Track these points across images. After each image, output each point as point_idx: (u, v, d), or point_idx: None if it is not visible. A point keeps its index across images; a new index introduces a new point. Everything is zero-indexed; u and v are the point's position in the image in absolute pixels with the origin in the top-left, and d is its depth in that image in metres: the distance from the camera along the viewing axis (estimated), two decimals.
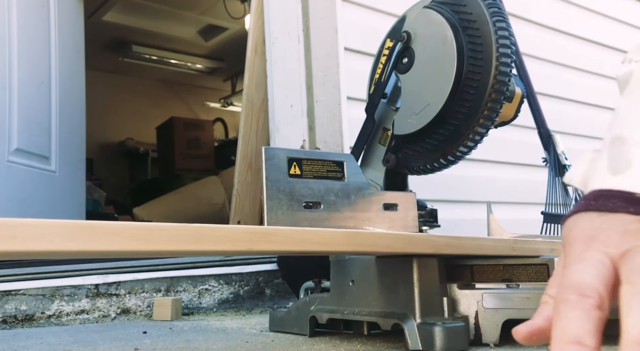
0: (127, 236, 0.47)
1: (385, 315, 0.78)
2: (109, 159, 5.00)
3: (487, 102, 0.91)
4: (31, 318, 1.25)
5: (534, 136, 1.62)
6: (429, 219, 1.04)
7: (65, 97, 2.09)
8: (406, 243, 0.71)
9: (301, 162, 0.83)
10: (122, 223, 0.47)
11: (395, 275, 0.78)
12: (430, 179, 1.22)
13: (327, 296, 0.91)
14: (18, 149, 1.82)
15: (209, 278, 1.45)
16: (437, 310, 0.76)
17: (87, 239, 0.44)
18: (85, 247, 0.44)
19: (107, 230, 0.45)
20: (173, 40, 4.48)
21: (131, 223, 0.48)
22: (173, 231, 0.50)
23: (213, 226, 0.53)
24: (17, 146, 1.82)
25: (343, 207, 0.84)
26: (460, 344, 0.73)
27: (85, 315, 1.29)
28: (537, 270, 0.83)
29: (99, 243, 0.45)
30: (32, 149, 1.89)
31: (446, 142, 0.97)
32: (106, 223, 0.46)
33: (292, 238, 0.59)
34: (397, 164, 1.04)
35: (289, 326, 0.97)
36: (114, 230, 0.46)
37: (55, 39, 2.02)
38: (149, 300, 1.36)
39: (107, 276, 1.34)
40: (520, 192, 2.08)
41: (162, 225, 0.50)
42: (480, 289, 0.77)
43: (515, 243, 0.84)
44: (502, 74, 0.91)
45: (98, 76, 4.58)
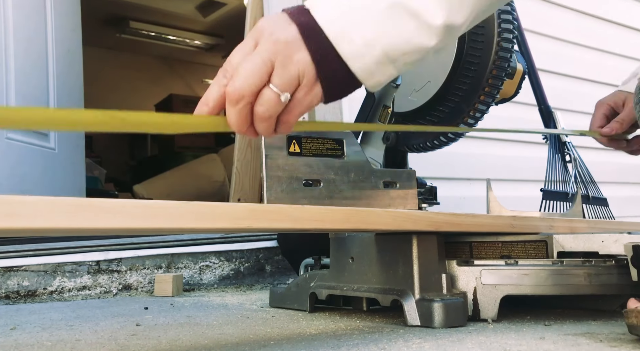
0: (127, 214, 0.47)
1: (385, 291, 0.79)
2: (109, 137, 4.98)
3: (488, 79, 0.91)
4: (33, 294, 1.26)
5: (534, 113, 1.61)
6: (428, 197, 1.04)
7: (63, 73, 2.07)
8: (405, 220, 0.71)
9: (300, 140, 0.82)
10: (122, 201, 0.47)
11: (395, 252, 0.79)
12: (430, 157, 1.22)
13: (327, 272, 0.92)
14: None
15: (210, 254, 1.46)
16: (435, 286, 0.77)
17: (87, 216, 0.44)
18: (86, 224, 0.44)
19: (108, 208, 0.45)
20: (171, 16, 4.43)
21: (131, 201, 0.48)
22: (173, 208, 0.50)
23: (213, 204, 0.53)
24: None
25: (343, 185, 0.84)
26: (458, 320, 0.74)
27: (87, 290, 1.30)
28: (536, 247, 0.83)
29: (100, 220, 0.45)
30: None
31: (446, 119, 0.96)
32: (106, 201, 0.46)
33: (292, 215, 0.59)
34: (397, 142, 1.04)
35: (289, 302, 0.98)
36: (114, 208, 0.46)
37: (51, 14, 1.99)
38: (150, 277, 1.37)
39: (108, 252, 1.35)
40: (519, 169, 2.08)
41: (162, 203, 0.50)
42: (479, 266, 0.78)
43: (514, 220, 0.84)
44: (503, 50, 0.90)
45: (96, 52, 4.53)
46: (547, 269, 0.77)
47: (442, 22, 0.49)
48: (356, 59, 0.49)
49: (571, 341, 0.62)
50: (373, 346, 0.62)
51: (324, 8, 0.49)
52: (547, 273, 0.77)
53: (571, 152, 1.52)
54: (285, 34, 0.48)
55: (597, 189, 1.62)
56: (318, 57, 0.48)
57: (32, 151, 1.88)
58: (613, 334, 0.66)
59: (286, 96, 0.48)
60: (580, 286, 0.77)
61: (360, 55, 0.49)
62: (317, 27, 0.48)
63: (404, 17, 0.48)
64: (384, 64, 0.50)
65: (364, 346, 0.62)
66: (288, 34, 0.48)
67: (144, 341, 0.71)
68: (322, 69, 0.49)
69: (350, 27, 0.48)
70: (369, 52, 0.49)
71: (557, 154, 1.52)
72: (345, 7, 0.48)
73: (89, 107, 0.50)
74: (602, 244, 0.79)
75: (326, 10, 0.49)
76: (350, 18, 0.48)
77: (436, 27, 0.49)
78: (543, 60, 1.97)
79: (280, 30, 0.48)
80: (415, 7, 0.48)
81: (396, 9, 0.48)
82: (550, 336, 0.65)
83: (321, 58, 0.48)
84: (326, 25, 0.48)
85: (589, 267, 0.77)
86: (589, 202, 1.56)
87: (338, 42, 0.48)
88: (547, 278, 0.77)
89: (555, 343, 0.61)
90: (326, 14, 0.49)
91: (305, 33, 0.48)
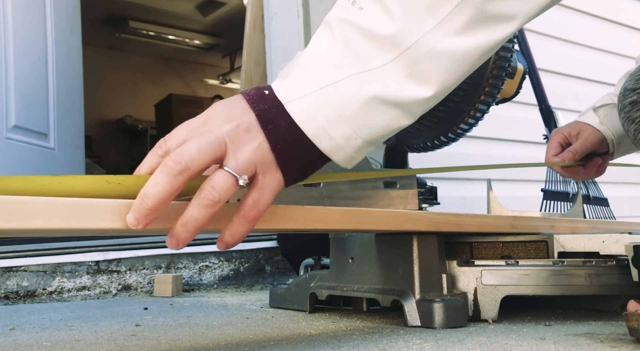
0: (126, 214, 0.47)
1: (385, 291, 0.79)
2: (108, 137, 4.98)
3: (489, 79, 0.90)
4: (33, 294, 1.26)
5: (534, 113, 1.61)
6: (428, 197, 1.04)
7: (63, 73, 2.07)
8: (406, 221, 0.71)
9: None
10: (123, 201, 0.46)
11: (395, 252, 0.79)
12: (430, 157, 1.22)
13: (327, 273, 0.91)
14: (16, 126, 1.81)
15: (210, 255, 1.46)
16: (436, 287, 0.76)
17: (87, 217, 0.44)
18: (86, 225, 0.44)
19: (109, 208, 0.45)
20: (171, 15, 4.43)
21: (132, 201, 0.47)
22: (174, 209, 0.50)
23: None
24: (15, 123, 1.81)
25: (343, 185, 0.83)
26: (459, 320, 0.73)
27: (86, 291, 1.30)
28: (537, 247, 0.83)
29: (100, 221, 0.45)
30: (30, 126, 1.88)
31: (447, 119, 0.96)
32: (107, 201, 0.45)
33: (292, 215, 0.59)
34: (397, 142, 1.03)
35: (289, 302, 0.98)
36: (115, 208, 0.45)
37: (51, 14, 1.99)
38: (149, 277, 1.37)
39: (107, 253, 1.35)
40: (520, 169, 2.08)
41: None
42: (480, 266, 0.78)
43: (515, 220, 0.84)
44: (504, 50, 0.90)
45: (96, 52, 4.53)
46: (547, 270, 0.77)
47: (422, 107, 0.48)
48: (337, 153, 0.48)
49: (572, 342, 0.62)
50: (373, 346, 0.62)
51: (299, 104, 0.46)
52: (548, 273, 0.77)
53: None
54: (244, 119, 0.45)
55: (597, 189, 1.62)
56: (282, 148, 0.46)
57: (32, 151, 1.88)
58: (614, 334, 0.66)
59: (244, 178, 0.44)
60: (581, 286, 0.77)
61: (341, 148, 0.48)
62: (287, 121, 0.46)
63: (384, 108, 0.47)
64: (364, 149, 0.49)
65: (364, 347, 0.62)
66: (247, 119, 0.45)
67: (143, 341, 0.71)
68: (284, 157, 0.46)
69: (328, 125, 0.46)
70: (349, 144, 0.47)
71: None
72: (320, 100, 0.46)
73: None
74: (603, 244, 0.79)
75: (301, 106, 0.46)
76: (328, 115, 0.46)
77: (415, 112, 0.48)
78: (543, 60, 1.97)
79: (239, 116, 0.45)
80: (393, 96, 0.46)
81: (375, 102, 0.46)
82: (551, 337, 0.65)
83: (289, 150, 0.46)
84: (303, 123, 0.46)
85: (590, 267, 0.77)
86: (589, 202, 1.56)
87: (317, 139, 0.47)
88: (547, 278, 0.76)
89: (556, 343, 0.61)
90: (301, 110, 0.46)
91: (263, 121, 0.45)
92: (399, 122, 0.48)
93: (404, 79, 0.46)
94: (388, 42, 0.45)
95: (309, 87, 0.46)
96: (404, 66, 0.45)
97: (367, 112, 0.46)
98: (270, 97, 0.46)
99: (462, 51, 0.46)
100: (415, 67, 0.46)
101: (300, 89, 0.46)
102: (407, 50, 0.45)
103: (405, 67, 0.46)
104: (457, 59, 0.46)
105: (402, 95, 0.46)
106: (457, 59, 0.46)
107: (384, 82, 0.46)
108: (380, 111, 0.47)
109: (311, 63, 0.47)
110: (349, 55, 0.46)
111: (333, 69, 0.46)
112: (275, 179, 0.47)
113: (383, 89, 0.46)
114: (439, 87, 0.47)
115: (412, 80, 0.46)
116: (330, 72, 0.46)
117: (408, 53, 0.45)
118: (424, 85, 0.46)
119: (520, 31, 1.48)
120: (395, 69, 0.46)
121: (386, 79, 0.46)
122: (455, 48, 0.45)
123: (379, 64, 0.45)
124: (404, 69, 0.46)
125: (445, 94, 0.49)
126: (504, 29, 0.46)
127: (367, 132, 0.47)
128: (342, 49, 0.46)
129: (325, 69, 0.46)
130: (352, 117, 0.46)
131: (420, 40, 0.45)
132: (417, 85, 0.46)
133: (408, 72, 0.46)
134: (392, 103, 0.47)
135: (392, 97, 0.46)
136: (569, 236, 0.82)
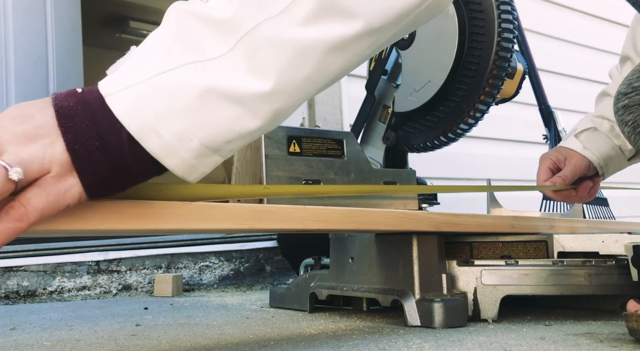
0: (130, 215, 0.46)
1: (385, 291, 0.79)
2: None
3: (489, 79, 0.91)
4: (33, 294, 1.26)
5: (534, 113, 1.61)
6: (428, 197, 1.04)
7: (63, 73, 2.07)
8: (407, 221, 0.71)
9: (301, 140, 0.82)
10: (125, 201, 0.46)
11: (395, 252, 0.79)
12: (430, 157, 1.22)
13: (327, 272, 0.92)
14: None
15: (210, 255, 1.46)
16: (436, 287, 0.77)
17: (90, 217, 0.44)
18: (89, 226, 0.44)
19: (111, 208, 0.45)
20: None
21: (134, 201, 0.47)
22: (177, 208, 0.49)
23: (216, 204, 0.53)
24: None
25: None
26: (458, 320, 0.74)
27: (86, 291, 1.30)
28: (536, 247, 0.83)
29: (103, 221, 0.45)
30: None
31: (447, 119, 0.96)
32: (109, 201, 0.45)
33: (294, 215, 0.59)
34: (397, 142, 1.04)
35: (289, 302, 0.98)
36: (117, 208, 0.45)
37: (51, 14, 1.99)
38: (149, 277, 1.37)
39: (107, 253, 1.35)
40: (520, 169, 2.08)
41: (166, 203, 0.49)
42: (479, 266, 0.78)
43: (515, 220, 0.84)
44: (504, 50, 0.90)
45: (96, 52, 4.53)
46: (547, 270, 0.77)
47: (265, 105, 0.42)
48: (169, 157, 0.41)
49: (571, 342, 0.62)
50: (373, 346, 0.62)
51: (122, 96, 0.40)
52: (548, 273, 0.77)
53: None
54: (38, 115, 0.39)
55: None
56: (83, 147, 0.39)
57: None
58: (613, 334, 0.66)
59: (18, 171, 0.37)
60: (581, 286, 0.77)
61: (173, 150, 0.41)
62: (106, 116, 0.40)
63: (221, 103, 0.41)
64: (206, 156, 0.43)
65: (364, 347, 0.62)
66: (40, 115, 0.39)
67: (143, 341, 0.71)
68: (82, 161, 0.39)
69: (155, 120, 0.40)
70: (184, 147, 0.41)
71: None
72: (147, 92, 0.40)
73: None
74: (603, 244, 0.79)
75: (124, 98, 0.40)
76: (155, 108, 0.40)
77: (260, 112, 0.42)
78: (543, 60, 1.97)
79: (31, 112, 0.40)
80: (229, 89, 0.41)
81: (209, 96, 0.41)
82: (551, 337, 0.65)
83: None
84: (124, 116, 0.40)
85: (590, 267, 0.77)
86: (589, 202, 1.56)
87: (142, 137, 0.40)
88: (547, 278, 0.77)
89: (555, 343, 0.61)
90: (122, 103, 0.40)
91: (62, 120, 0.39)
92: (242, 123, 0.42)
93: (242, 71, 0.41)
94: (226, 26, 0.41)
95: (134, 78, 0.41)
96: (243, 55, 0.41)
97: (202, 107, 0.41)
98: (86, 93, 0.41)
99: (305, 43, 0.42)
100: (254, 56, 0.41)
101: (125, 80, 0.41)
102: (246, 35, 0.41)
103: (245, 57, 0.41)
104: (300, 51, 0.42)
105: (239, 88, 0.41)
106: (300, 51, 0.42)
107: (219, 73, 0.41)
108: (217, 106, 0.41)
109: (141, 54, 0.42)
110: (183, 42, 0.41)
111: (164, 58, 0.41)
112: (67, 184, 0.40)
113: (217, 81, 0.41)
114: (278, 80, 0.42)
115: (249, 71, 0.41)
116: (160, 61, 0.41)
117: (247, 39, 0.41)
118: (262, 77, 0.42)
119: (520, 31, 1.48)
120: (233, 60, 0.41)
121: (222, 70, 0.41)
122: (298, 39, 0.41)
123: (216, 55, 0.41)
124: (243, 59, 0.41)
125: (290, 93, 0.43)
126: (348, 26, 0.42)
127: (205, 133, 0.41)
128: (175, 37, 0.41)
129: (157, 58, 0.41)
130: (184, 113, 0.41)
131: (262, 26, 0.41)
132: (255, 77, 0.41)
133: (247, 63, 0.41)
134: (230, 98, 0.41)
135: (228, 91, 0.41)
136: (569, 236, 0.82)
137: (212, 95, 0.41)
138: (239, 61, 0.41)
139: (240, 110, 0.42)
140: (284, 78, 0.42)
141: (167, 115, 0.40)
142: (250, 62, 0.41)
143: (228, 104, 0.41)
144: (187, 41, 0.41)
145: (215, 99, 0.41)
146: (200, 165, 0.43)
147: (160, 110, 0.40)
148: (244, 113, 0.42)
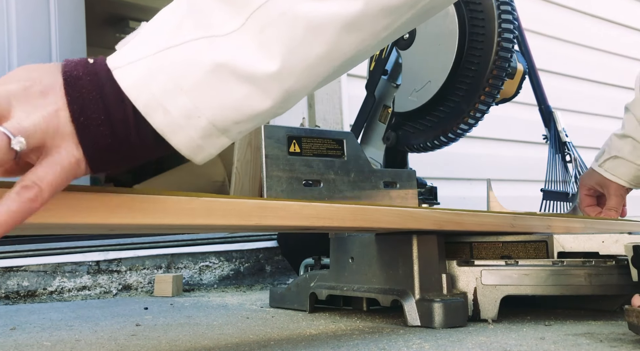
0: (135, 209, 0.45)
1: (385, 291, 0.79)
2: None
3: (489, 79, 0.91)
4: (33, 294, 1.26)
5: (534, 113, 1.61)
6: (428, 197, 1.04)
7: None
8: (410, 218, 0.71)
9: (301, 140, 0.82)
10: (131, 195, 0.44)
11: (395, 252, 0.79)
12: (430, 157, 1.22)
13: (327, 272, 0.92)
14: None
15: (210, 255, 1.46)
16: (436, 287, 0.77)
17: (93, 211, 0.43)
18: (92, 220, 0.43)
19: (116, 202, 0.44)
20: None
21: (140, 195, 0.45)
22: (184, 203, 0.48)
23: (223, 200, 0.51)
24: None
25: (343, 185, 0.83)
26: (458, 320, 0.74)
27: (86, 291, 1.30)
28: (536, 247, 0.83)
29: (107, 216, 0.43)
30: None
31: (447, 119, 0.96)
32: (114, 195, 0.44)
33: (300, 213, 0.58)
34: (397, 142, 1.04)
35: (289, 302, 0.98)
36: (122, 202, 0.44)
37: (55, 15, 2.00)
38: (150, 277, 1.37)
39: (107, 253, 1.35)
40: (520, 169, 2.08)
41: (172, 198, 0.48)
42: (479, 266, 0.78)
43: (515, 220, 0.84)
44: (504, 50, 0.90)
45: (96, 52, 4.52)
46: (547, 270, 0.77)
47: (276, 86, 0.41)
48: (176, 134, 0.40)
49: (571, 342, 0.62)
50: (373, 346, 0.62)
51: (129, 69, 0.40)
52: (548, 273, 0.77)
53: (571, 152, 1.52)
54: (44, 81, 0.38)
55: None
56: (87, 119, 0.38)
57: None
58: (613, 334, 0.66)
59: (21, 141, 0.36)
60: (581, 286, 0.77)
61: (180, 128, 0.40)
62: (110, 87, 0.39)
63: (233, 80, 0.40)
64: (213, 137, 0.41)
65: (364, 347, 0.62)
66: (47, 81, 0.39)
67: (143, 341, 0.71)
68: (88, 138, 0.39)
69: (163, 96, 0.39)
70: (192, 124, 0.40)
71: (557, 154, 1.52)
72: (155, 66, 0.39)
73: None
74: (603, 244, 0.79)
75: (131, 72, 0.39)
76: (163, 83, 0.39)
77: (271, 91, 0.41)
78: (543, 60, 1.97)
79: (38, 77, 0.39)
80: (243, 66, 0.40)
81: (222, 72, 0.40)
82: (551, 337, 0.65)
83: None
84: (131, 90, 0.39)
85: (590, 267, 0.77)
86: None
87: (149, 112, 0.39)
88: (547, 278, 0.77)
89: (555, 343, 0.61)
90: (130, 77, 0.39)
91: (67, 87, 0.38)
92: (252, 102, 0.41)
93: (253, 48, 0.40)
94: (237, 1, 0.40)
95: (143, 52, 0.40)
96: (255, 31, 0.40)
97: (211, 84, 0.40)
98: (96, 64, 0.40)
99: (320, 19, 0.40)
100: (265, 32, 0.40)
101: (134, 54, 0.40)
102: (257, 9, 0.40)
103: (256, 33, 0.40)
104: (314, 27, 0.40)
105: (249, 65, 0.40)
106: (314, 27, 0.40)
107: (230, 50, 0.40)
108: (226, 83, 0.40)
109: (151, 29, 0.41)
110: (194, 18, 0.40)
111: (174, 33, 0.40)
112: (72, 156, 0.38)
113: (227, 57, 0.39)
114: (288, 57, 0.41)
115: (260, 48, 0.40)
116: (170, 36, 0.40)
117: (258, 14, 0.40)
118: (272, 54, 0.40)
119: (520, 31, 1.48)
120: (244, 36, 0.40)
121: (233, 47, 0.40)
122: (313, 13, 0.40)
123: (227, 31, 0.40)
124: (254, 35, 0.40)
125: (300, 72, 0.42)
126: (365, 2, 0.41)
127: (214, 111, 0.40)
128: (187, 11, 0.41)
129: (166, 32, 0.40)
130: (193, 89, 0.39)
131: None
132: (267, 54, 0.40)
133: (259, 39, 0.40)
134: (242, 76, 0.40)
135: (242, 67, 0.40)
136: (569, 236, 0.82)
137: (222, 72, 0.40)
138: (249, 37, 0.40)
139: (250, 88, 0.40)
140: (294, 56, 0.41)
141: (175, 90, 0.39)
142: (261, 39, 0.40)
143: (238, 81, 0.40)
144: (198, 17, 0.40)
145: (225, 75, 0.40)
146: (207, 146, 0.42)
147: (168, 85, 0.39)
148: (253, 92, 0.41)
